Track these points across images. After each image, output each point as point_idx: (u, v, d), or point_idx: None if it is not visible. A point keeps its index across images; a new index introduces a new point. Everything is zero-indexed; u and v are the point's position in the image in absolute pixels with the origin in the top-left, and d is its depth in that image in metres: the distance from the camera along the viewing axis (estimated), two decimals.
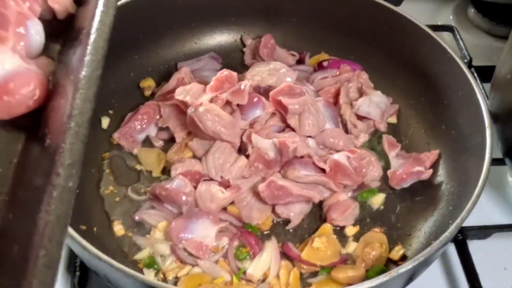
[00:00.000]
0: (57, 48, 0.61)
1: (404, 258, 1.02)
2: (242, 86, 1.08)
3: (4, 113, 0.54)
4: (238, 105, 1.10)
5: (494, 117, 1.06)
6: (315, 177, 1.06)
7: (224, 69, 1.10)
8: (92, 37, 0.50)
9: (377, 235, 1.04)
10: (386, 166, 1.15)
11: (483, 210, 1.13)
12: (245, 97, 1.08)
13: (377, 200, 1.10)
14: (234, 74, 1.10)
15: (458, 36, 1.42)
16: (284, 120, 1.13)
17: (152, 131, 1.18)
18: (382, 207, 1.10)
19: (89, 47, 0.50)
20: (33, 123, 0.56)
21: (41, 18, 0.59)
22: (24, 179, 0.55)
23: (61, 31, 0.61)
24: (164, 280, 0.97)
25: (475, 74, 1.29)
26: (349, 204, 1.06)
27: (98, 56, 0.50)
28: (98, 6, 0.51)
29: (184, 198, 1.02)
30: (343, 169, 1.07)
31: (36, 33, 0.57)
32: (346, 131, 1.18)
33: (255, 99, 1.11)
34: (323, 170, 1.07)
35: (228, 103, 1.09)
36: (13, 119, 0.54)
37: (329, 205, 1.06)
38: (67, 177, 0.48)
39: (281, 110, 1.12)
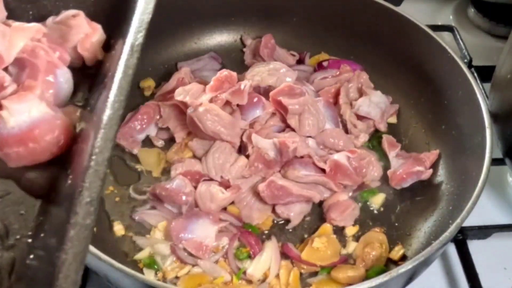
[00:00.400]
0: (85, 95, 0.61)
1: (404, 258, 1.02)
2: (242, 86, 1.08)
3: (29, 160, 0.54)
4: (238, 105, 1.10)
5: (494, 117, 1.06)
6: (315, 177, 1.06)
7: (224, 69, 1.10)
8: (117, 77, 0.51)
9: (377, 235, 1.04)
10: (386, 166, 1.15)
11: (483, 210, 1.13)
12: (245, 97, 1.08)
13: (377, 200, 1.10)
14: (234, 74, 1.10)
15: (458, 36, 1.42)
16: (284, 120, 1.13)
17: (152, 131, 1.18)
18: (382, 207, 1.10)
19: (113, 87, 0.51)
20: (57, 168, 0.56)
21: (70, 66, 0.60)
22: (47, 222, 0.55)
23: (89, 77, 0.62)
24: (164, 280, 0.97)
25: (475, 74, 1.28)
26: (349, 204, 1.06)
27: (121, 97, 0.51)
28: (124, 50, 0.53)
29: (184, 198, 1.02)
30: (343, 169, 1.07)
31: (65, 81, 0.59)
32: (346, 131, 1.18)
33: (255, 99, 1.11)
34: (323, 170, 1.07)
35: (228, 103, 1.09)
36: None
37: (329, 205, 1.06)
38: (85, 215, 0.48)
39: (281, 110, 1.12)
